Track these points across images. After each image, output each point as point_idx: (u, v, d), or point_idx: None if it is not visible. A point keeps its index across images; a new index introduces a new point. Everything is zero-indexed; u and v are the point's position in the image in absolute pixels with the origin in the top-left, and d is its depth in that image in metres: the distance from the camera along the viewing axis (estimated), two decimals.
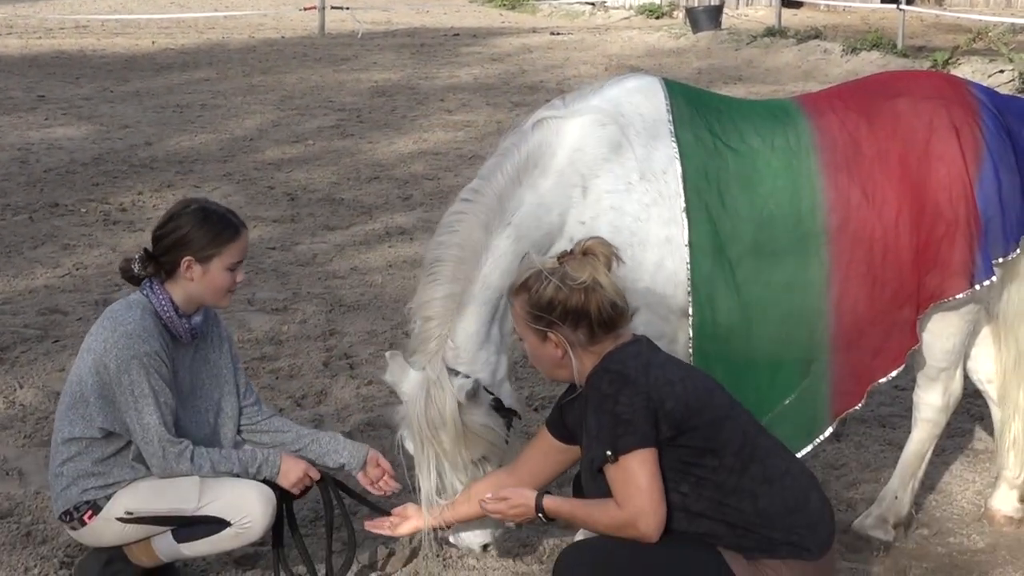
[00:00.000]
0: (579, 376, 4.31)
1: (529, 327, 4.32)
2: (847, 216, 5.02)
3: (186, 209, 4.85)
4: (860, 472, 6.18)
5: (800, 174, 5.03)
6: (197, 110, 16.87)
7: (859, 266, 5.03)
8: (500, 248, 4.89)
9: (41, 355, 7.77)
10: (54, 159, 13.65)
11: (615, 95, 5.12)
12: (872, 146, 5.06)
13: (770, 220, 5.00)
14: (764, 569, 4.19)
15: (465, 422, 4.78)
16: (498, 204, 4.92)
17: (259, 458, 4.91)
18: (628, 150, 4.99)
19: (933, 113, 5.11)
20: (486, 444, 4.87)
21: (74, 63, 21.80)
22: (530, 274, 4.31)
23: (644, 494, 4.11)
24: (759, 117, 5.16)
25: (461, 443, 4.80)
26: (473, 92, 18.39)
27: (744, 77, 19.33)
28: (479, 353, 4.90)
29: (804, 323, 5.05)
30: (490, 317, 4.92)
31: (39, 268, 9.67)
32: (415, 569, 5.29)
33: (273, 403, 7.05)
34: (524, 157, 4.97)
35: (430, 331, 4.92)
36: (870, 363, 5.15)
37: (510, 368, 5.10)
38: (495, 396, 4.91)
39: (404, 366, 4.92)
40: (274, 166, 13.39)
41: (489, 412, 4.88)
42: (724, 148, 5.04)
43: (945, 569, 5.32)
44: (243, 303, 8.78)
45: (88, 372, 4.78)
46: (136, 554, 4.93)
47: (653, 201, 4.97)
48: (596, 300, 4.22)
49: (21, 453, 6.46)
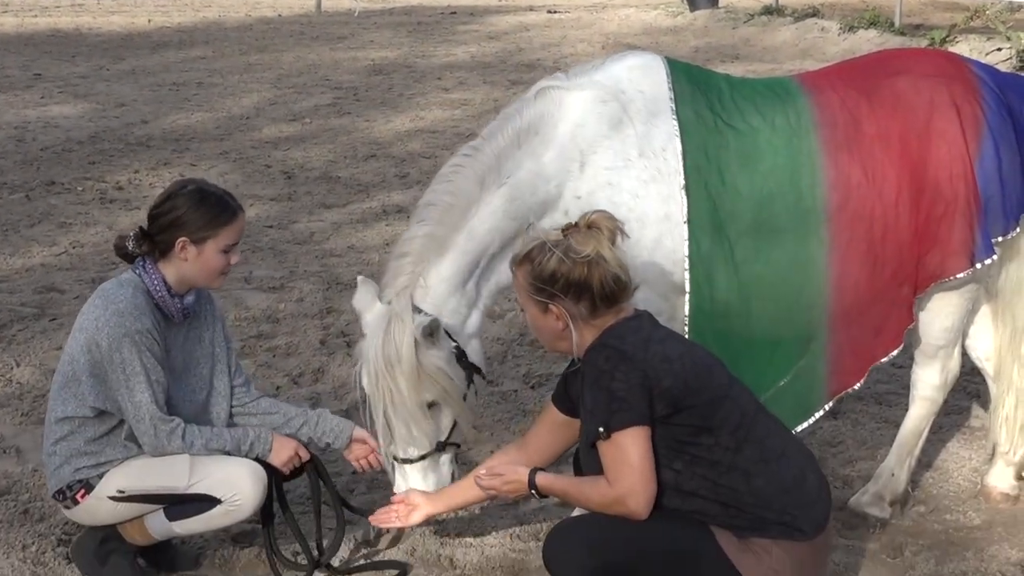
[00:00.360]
0: (579, 349, 4.31)
1: (531, 298, 4.32)
2: (847, 195, 5.01)
3: (183, 189, 4.84)
4: (857, 449, 6.19)
5: (800, 152, 5.02)
6: (193, 88, 16.84)
7: (859, 245, 5.02)
8: (492, 204, 4.90)
9: (38, 333, 7.77)
10: (50, 137, 13.63)
11: (617, 72, 5.11)
12: (872, 124, 5.05)
13: (770, 199, 4.99)
14: (754, 547, 4.19)
15: (422, 362, 4.75)
16: (496, 163, 4.93)
17: (250, 436, 4.91)
18: (628, 127, 4.99)
19: (934, 91, 5.10)
20: (440, 389, 4.83)
21: (70, 41, 21.76)
22: (534, 245, 4.31)
23: (635, 472, 4.11)
24: (760, 96, 5.15)
25: (415, 383, 4.77)
26: (470, 70, 18.36)
27: (741, 55, 19.30)
28: (449, 299, 4.89)
29: (803, 302, 5.05)
30: (468, 269, 4.91)
31: (35, 246, 9.67)
32: (412, 546, 5.31)
33: (270, 381, 7.06)
34: (526, 123, 4.98)
35: (403, 267, 4.92)
36: (871, 342, 5.15)
37: (482, 327, 5.07)
38: (458, 345, 4.89)
39: (372, 297, 4.92)
40: (271, 144, 13.37)
41: (449, 359, 4.85)
42: (725, 126, 5.03)
43: (941, 546, 5.33)
44: (240, 281, 8.78)
45: (80, 351, 4.77)
46: (130, 532, 4.94)
47: (652, 178, 4.96)
48: (599, 273, 4.22)
49: (18, 431, 6.47)
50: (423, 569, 5.15)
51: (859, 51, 18.16)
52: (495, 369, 7.25)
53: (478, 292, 4.98)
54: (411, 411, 4.82)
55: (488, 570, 5.14)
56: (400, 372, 4.75)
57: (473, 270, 4.94)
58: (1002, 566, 5.14)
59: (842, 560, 5.17)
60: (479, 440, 6.32)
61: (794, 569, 4.22)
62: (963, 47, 17.25)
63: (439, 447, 4.96)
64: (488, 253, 4.95)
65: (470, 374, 4.96)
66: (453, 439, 5.01)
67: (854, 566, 5.16)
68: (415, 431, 4.88)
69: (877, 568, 5.17)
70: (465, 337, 4.95)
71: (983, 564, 5.16)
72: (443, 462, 5.01)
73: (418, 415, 4.84)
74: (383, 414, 4.84)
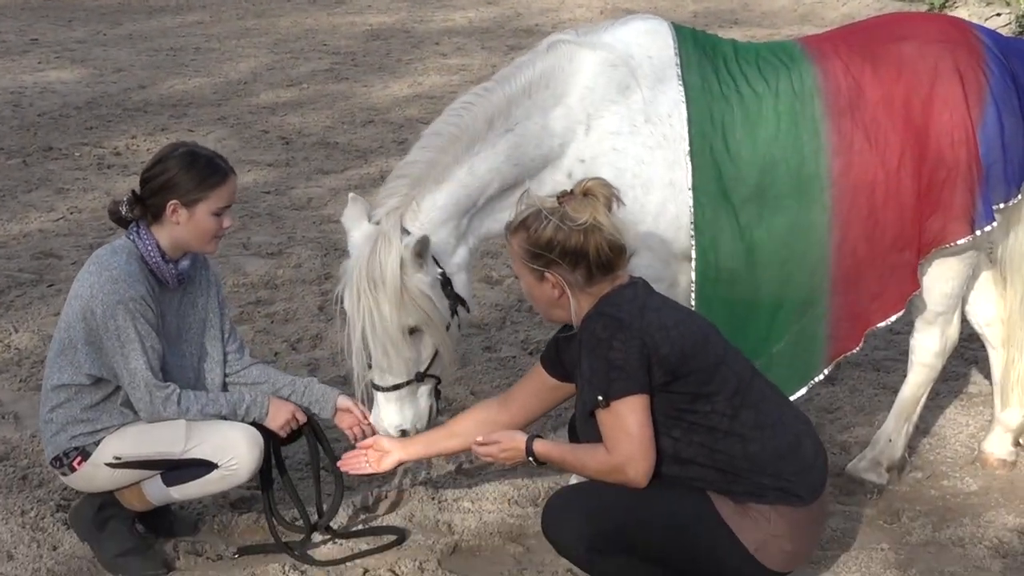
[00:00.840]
0: (576, 317, 4.31)
1: (526, 266, 4.31)
2: (850, 160, 5.01)
3: (174, 152, 4.83)
4: (854, 416, 6.20)
5: (804, 118, 5.02)
6: (191, 53, 16.77)
7: (860, 210, 5.02)
8: (497, 146, 4.91)
9: (36, 299, 7.77)
10: (47, 103, 13.58)
11: (625, 36, 5.10)
12: (876, 90, 5.04)
13: (773, 164, 4.99)
14: (752, 512, 4.21)
15: (406, 284, 4.72)
16: (506, 107, 4.93)
17: (246, 400, 4.92)
18: (636, 92, 4.98)
19: (938, 57, 5.08)
20: (422, 314, 4.78)
21: (67, 6, 21.65)
22: (529, 213, 4.29)
23: (634, 440, 4.12)
24: (764, 61, 5.14)
25: (397, 305, 4.73)
26: (468, 36, 18.29)
27: (740, 20, 19.22)
28: (439, 228, 4.86)
29: (806, 266, 5.05)
30: (463, 204, 4.90)
31: (33, 212, 9.65)
32: (410, 512, 5.32)
33: (268, 347, 7.07)
34: (538, 74, 4.98)
35: (398, 188, 4.92)
36: (868, 306, 5.15)
37: (470, 264, 5.02)
38: (444, 272, 4.87)
39: (362, 215, 4.91)
40: (268, 110, 13.33)
41: (434, 284, 4.83)
42: (730, 92, 5.03)
43: (938, 512, 5.34)
44: (238, 247, 8.77)
45: (76, 318, 4.77)
46: (128, 499, 4.95)
47: (657, 144, 4.96)
48: (595, 241, 4.21)
49: (17, 397, 6.48)
50: (421, 535, 5.16)
51: (858, 16, 18.10)
52: (493, 335, 7.26)
53: (469, 230, 4.96)
54: (391, 335, 4.77)
55: (486, 535, 5.15)
56: (383, 293, 4.71)
57: (468, 208, 4.92)
58: (999, 531, 5.16)
59: (839, 526, 5.19)
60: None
61: (791, 534, 4.24)
62: (962, 12, 17.19)
63: (418, 378, 4.91)
64: (486, 194, 4.93)
65: (454, 304, 4.92)
66: (433, 371, 4.96)
67: (851, 532, 5.18)
68: (393, 357, 4.81)
69: (874, 534, 5.19)
70: (452, 267, 4.91)
71: (980, 530, 5.18)
72: (421, 394, 4.96)
73: (398, 340, 4.79)
74: (360, 336, 4.79)
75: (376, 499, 5.41)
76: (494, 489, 5.48)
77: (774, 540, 4.22)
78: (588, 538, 4.18)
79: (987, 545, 5.07)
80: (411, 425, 4.95)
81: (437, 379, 5.02)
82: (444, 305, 4.87)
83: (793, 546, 4.26)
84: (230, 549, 5.09)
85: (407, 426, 4.94)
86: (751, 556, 4.21)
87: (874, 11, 17.84)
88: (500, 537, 5.15)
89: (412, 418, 4.95)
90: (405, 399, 4.92)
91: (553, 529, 4.28)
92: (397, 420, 4.93)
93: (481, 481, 5.56)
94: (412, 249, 4.70)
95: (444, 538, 5.14)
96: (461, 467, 5.70)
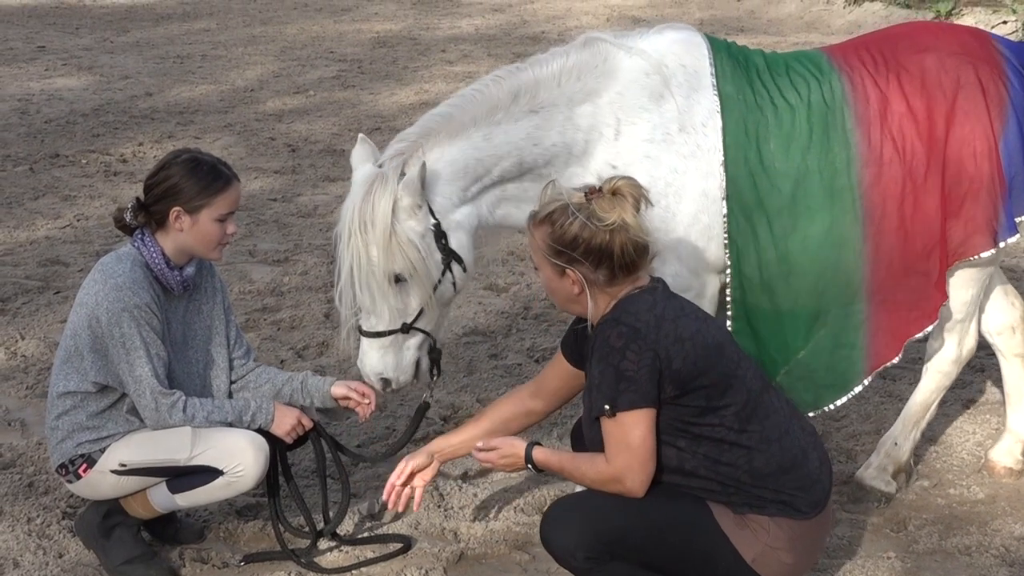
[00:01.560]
0: (592, 315, 4.29)
1: (547, 260, 4.27)
2: (879, 171, 5.01)
3: (176, 159, 4.83)
4: (861, 424, 6.20)
5: (835, 129, 5.02)
6: (197, 61, 16.80)
7: (892, 220, 5.02)
8: (519, 121, 4.91)
9: (42, 306, 7.78)
10: (54, 110, 13.61)
11: (660, 44, 5.09)
12: (902, 102, 5.04)
13: (806, 175, 4.99)
14: (751, 523, 4.21)
15: (395, 229, 4.71)
16: (534, 87, 4.94)
17: (252, 407, 4.92)
18: (670, 101, 4.98)
19: (960, 70, 5.08)
20: (407, 263, 4.75)
21: (74, 13, 21.69)
22: (556, 207, 4.25)
23: (634, 453, 4.12)
24: (795, 73, 5.14)
25: (384, 249, 4.71)
26: (474, 43, 18.30)
27: (746, 28, 19.22)
28: (443, 184, 4.84)
29: (840, 277, 5.04)
30: (474, 169, 4.88)
31: (40, 219, 9.67)
32: (416, 520, 5.32)
33: (275, 354, 7.07)
34: (571, 65, 4.98)
35: (408, 135, 4.93)
36: (906, 316, 5.14)
37: (475, 227, 4.95)
38: (439, 224, 4.83)
39: (368, 156, 4.91)
40: (275, 117, 13.35)
41: (425, 234, 4.79)
42: (764, 103, 5.03)
43: (945, 520, 5.33)
44: (244, 254, 8.78)
45: (82, 326, 4.77)
46: (133, 506, 4.95)
47: (691, 153, 4.96)
48: (620, 241, 4.18)
49: (23, 404, 6.49)
50: (427, 543, 5.16)
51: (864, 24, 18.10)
52: (499, 343, 7.26)
53: (481, 199, 4.94)
54: (376, 279, 4.75)
55: (492, 543, 5.15)
56: (372, 235, 4.71)
57: (479, 175, 4.90)
58: (1006, 540, 5.15)
59: (846, 534, 5.18)
60: None
61: (791, 546, 4.23)
62: (968, 19, 17.19)
63: (404, 329, 4.88)
64: (500, 167, 4.91)
65: (447, 260, 4.87)
66: (421, 325, 4.90)
67: (857, 540, 5.17)
68: (378, 302, 4.80)
69: (880, 542, 5.18)
70: (451, 222, 4.87)
71: (987, 538, 5.16)
72: (408, 347, 4.93)
73: (383, 285, 4.77)
74: (348, 277, 4.78)
75: (382, 507, 5.40)
76: (500, 497, 5.48)
77: (773, 552, 4.21)
78: (586, 546, 4.17)
79: (994, 554, 5.06)
80: (393, 375, 4.93)
81: (429, 336, 4.96)
82: (435, 259, 4.83)
83: (793, 558, 4.25)
84: (236, 557, 5.09)
85: (388, 374, 4.93)
86: (749, 567, 4.21)
87: (880, 19, 17.84)
88: (506, 545, 5.15)
89: (393, 367, 4.92)
90: (389, 348, 4.89)
91: (551, 538, 4.27)
92: (379, 367, 4.92)
93: (487, 489, 5.56)
94: (406, 193, 4.69)
95: (450, 546, 5.13)
96: (467, 475, 5.70)
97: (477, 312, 7.73)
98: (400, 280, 4.80)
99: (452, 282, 4.91)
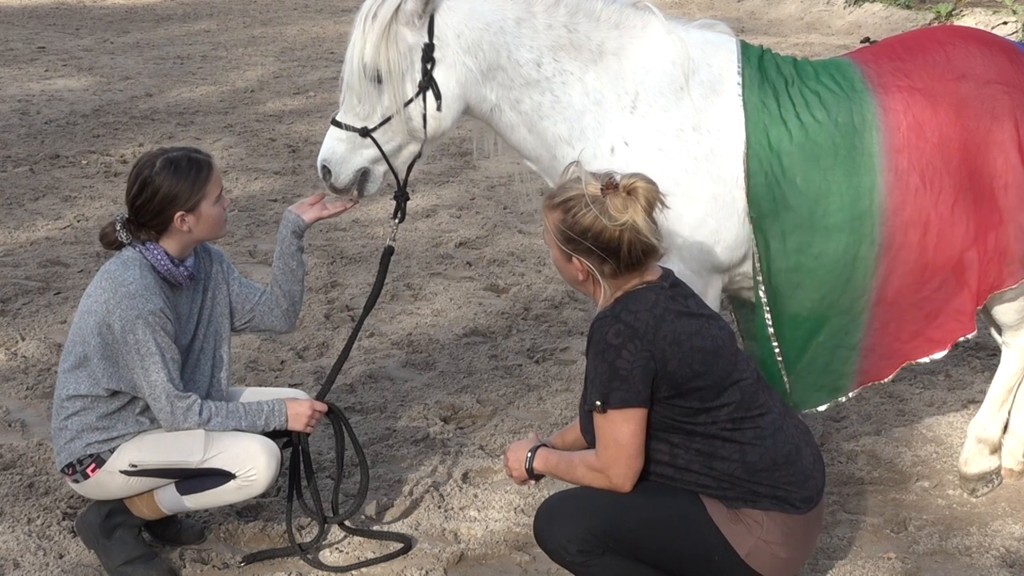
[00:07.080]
0: (597, 302, 4.32)
1: (557, 244, 4.30)
2: (904, 200, 4.96)
3: (153, 170, 4.81)
4: (860, 425, 6.20)
5: (862, 153, 4.96)
6: (198, 61, 16.81)
7: (911, 250, 4.98)
8: (553, 27, 4.92)
9: (43, 307, 7.78)
10: (55, 111, 13.62)
11: (691, 38, 5.06)
12: (935, 131, 4.97)
13: (827, 195, 4.93)
14: (745, 518, 4.21)
15: (389, 29, 4.82)
16: (575, 6, 4.96)
17: (265, 410, 4.93)
18: (687, 97, 4.94)
19: (995, 100, 5.02)
20: (386, 62, 4.85)
21: (74, 14, 21.72)
22: (572, 194, 4.25)
23: (622, 449, 4.14)
24: (826, 89, 5.05)
25: (373, 44, 4.83)
26: None
27: (747, 29, 19.22)
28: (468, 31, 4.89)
29: (847, 296, 5.02)
30: (496, 39, 4.88)
31: (40, 220, 9.67)
32: (417, 520, 5.32)
33: (275, 355, 7.07)
34: (613, 11, 4.99)
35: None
36: (906, 343, 5.12)
37: (471, 86, 4.96)
38: (431, 44, 4.87)
39: None
40: (275, 118, 13.35)
41: (415, 48, 4.86)
42: (789, 117, 4.96)
43: (945, 520, 5.34)
44: (244, 255, 8.78)
45: (91, 333, 4.77)
46: (138, 507, 4.96)
47: (704, 156, 4.92)
48: (628, 240, 4.19)
49: (23, 405, 6.48)
50: (427, 543, 5.16)
51: (865, 25, 18.13)
52: (499, 344, 7.26)
53: (490, 76, 4.95)
54: (354, 67, 4.91)
55: (492, 544, 5.15)
56: (370, 27, 4.84)
57: (498, 46, 4.91)
58: (1006, 541, 5.15)
59: (846, 535, 5.18)
60: (483, 415, 6.34)
61: (784, 541, 4.24)
62: (969, 20, 17.20)
63: (363, 132, 4.98)
64: (520, 51, 4.91)
65: (425, 85, 4.92)
66: (379, 137, 4.98)
67: (858, 540, 5.17)
68: (351, 89, 4.95)
69: (880, 543, 5.18)
70: (449, 57, 4.90)
71: (987, 539, 5.17)
72: (360, 153, 5.05)
73: (361, 77, 4.91)
74: (347, 61, 4.96)
75: (383, 507, 5.41)
76: (500, 498, 5.48)
77: (766, 546, 4.22)
78: (579, 539, 4.19)
79: (994, 554, 5.07)
80: (335, 168, 5.02)
81: (386, 160, 5.05)
82: (414, 68, 4.90)
83: (787, 553, 4.26)
84: (236, 557, 5.09)
85: (330, 165, 5.03)
86: (742, 561, 4.22)
87: (881, 20, 17.87)
88: (506, 546, 5.15)
89: (338, 160, 5.03)
90: (344, 142, 5.01)
91: (544, 532, 4.29)
92: (327, 154, 5.04)
93: (487, 490, 5.56)
94: (412, 3, 4.81)
95: (450, 547, 5.14)
96: (467, 475, 5.70)
97: (477, 312, 7.74)
98: (380, 82, 4.90)
99: (423, 113, 4.95)
